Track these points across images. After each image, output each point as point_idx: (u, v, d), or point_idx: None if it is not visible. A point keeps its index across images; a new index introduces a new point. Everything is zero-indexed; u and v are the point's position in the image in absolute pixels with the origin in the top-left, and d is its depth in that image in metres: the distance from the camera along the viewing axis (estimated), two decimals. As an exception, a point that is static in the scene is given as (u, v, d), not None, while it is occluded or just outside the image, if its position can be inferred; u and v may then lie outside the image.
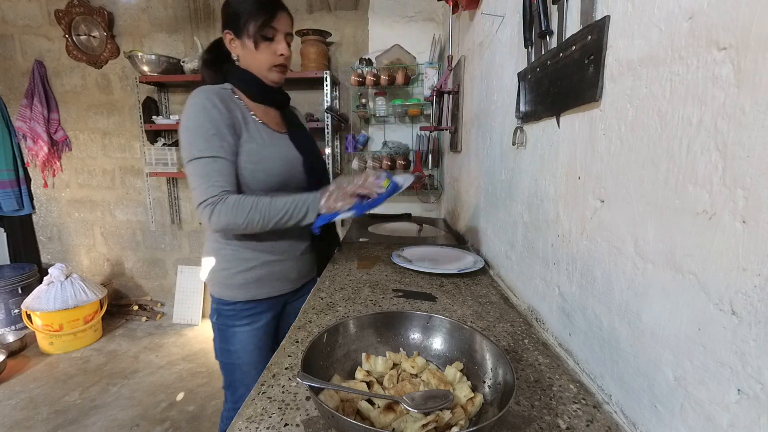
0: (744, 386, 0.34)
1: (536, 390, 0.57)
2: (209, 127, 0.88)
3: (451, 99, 1.80)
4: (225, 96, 0.94)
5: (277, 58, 0.97)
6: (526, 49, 0.82)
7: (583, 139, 0.62)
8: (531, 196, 0.84)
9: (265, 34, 0.94)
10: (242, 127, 0.94)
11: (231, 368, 1.05)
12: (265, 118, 1.02)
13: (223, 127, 0.89)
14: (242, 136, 0.94)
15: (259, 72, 0.98)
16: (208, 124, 0.88)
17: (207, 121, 0.88)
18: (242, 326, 1.02)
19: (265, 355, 1.04)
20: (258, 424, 0.50)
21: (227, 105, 0.92)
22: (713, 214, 0.37)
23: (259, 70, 0.98)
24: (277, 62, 0.97)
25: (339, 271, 1.14)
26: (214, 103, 0.89)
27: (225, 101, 0.92)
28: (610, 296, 0.54)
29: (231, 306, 1.02)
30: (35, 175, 2.87)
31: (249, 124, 0.96)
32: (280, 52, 0.96)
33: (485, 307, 0.88)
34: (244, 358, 1.03)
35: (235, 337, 1.02)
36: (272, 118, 1.05)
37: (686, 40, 0.40)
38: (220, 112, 0.89)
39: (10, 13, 2.65)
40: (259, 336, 1.04)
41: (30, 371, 2.23)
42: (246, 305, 1.02)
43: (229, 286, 1.01)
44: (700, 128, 0.38)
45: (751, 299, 0.33)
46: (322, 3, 2.42)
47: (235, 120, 0.93)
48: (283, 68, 1.00)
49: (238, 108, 0.96)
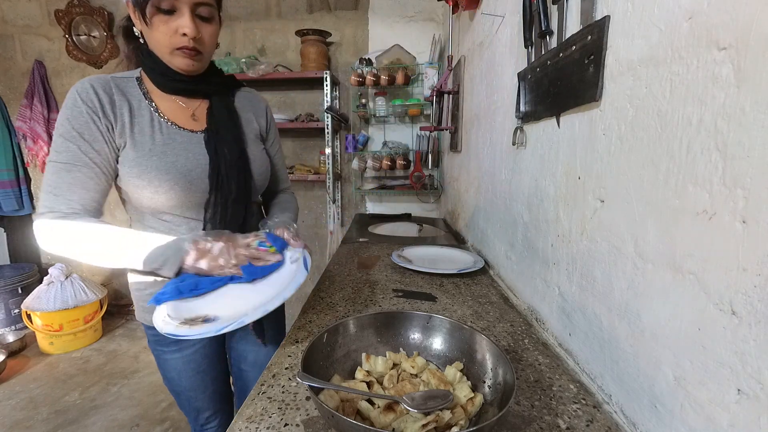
0: (744, 386, 0.34)
1: (536, 390, 0.57)
2: (71, 128, 0.70)
3: (451, 99, 1.80)
4: (115, 86, 0.75)
5: (178, 38, 0.71)
6: (526, 49, 0.82)
7: (583, 139, 0.62)
8: (531, 196, 0.84)
9: (159, 4, 0.69)
10: (126, 129, 0.74)
11: (176, 395, 0.95)
12: (173, 113, 0.80)
13: (92, 129, 0.71)
14: (125, 141, 0.74)
15: (162, 56, 0.75)
16: (73, 122, 0.70)
17: (73, 118, 0.70)
18: (172, 353, 0.88)
19: (214, 377, 0.94)
20: (258, 424, 0.50)
21: (111, 99, 0.74)
22: (713, 214, 0.37)
23: (161, 53, 0.74)
24: (178, 44, 0.72)
25: (339, 271, 1.14)
26: (88, 97, 0.71)
27: (109, 94, 0.74)
28: (610, 296, 0.54)
29: (154, 331, 0.81)
30: (35, 175, 2.87)
31: (140, 124, 0.76)
32: (181, 30, 0.70)
33: (485, 307, 0.88)
34: (184, 384, 0.91)
35: (168, 364, 0.89)
36: (185, 113, 0.82)
37: (686, 40, 0.40)
38: (91, 110, 0.71)
39: (10, 13, 2.65)
40: (196, 361, 0.90)
41: (30, 371, 2.23)
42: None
43: (147, 309, 0.83)
44: (700, 128, 0.38)
45: (751, 299, 0.33)
46: (322, 3, 2.42)
47: (117, 119, 0.74)
48: (193, 52, 0.74)
49: (133, 102, 0.76)
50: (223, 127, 0.82)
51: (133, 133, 0.74)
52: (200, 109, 0.84)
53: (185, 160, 0.77)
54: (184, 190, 0.76)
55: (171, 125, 0.78)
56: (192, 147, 0.79)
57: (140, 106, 0.77)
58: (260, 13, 2.47)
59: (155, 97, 0.79)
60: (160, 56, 0.75)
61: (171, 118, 0.79)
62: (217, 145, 0.80)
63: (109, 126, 0.73)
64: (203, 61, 0.78)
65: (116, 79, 0.76)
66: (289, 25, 2.45)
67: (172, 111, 0.80)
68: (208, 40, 0.76)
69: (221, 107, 0.85)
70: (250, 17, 2.48)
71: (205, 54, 0.77)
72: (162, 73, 0.77)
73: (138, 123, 0.75)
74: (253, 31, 2.50)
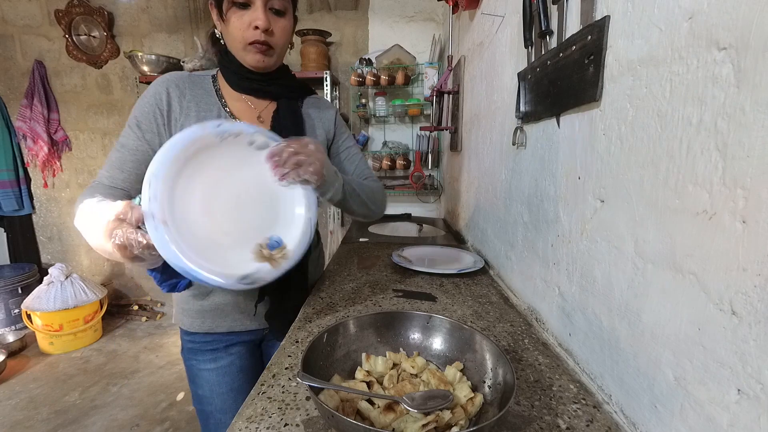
0: (744, 386, 0.34)
1: (536, 390, 0.57)
2: (134, 115, 0.75)
3: (451, 99, 1.80)
4: (190, 82, 0.79)
5: (251, 32, 0.72)
6: (526, 49, 0.82)
7: (583, 139, 0.62)
8: (531, 196, 0.84)
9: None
10: (191, 122, 0.76)
11: (204, 416, 0.89)
12: (240, 112, 0.82)
13: (149, 120, 0.75)
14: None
15: (236, 53, 0.76)
16: (137, 111, 0.75)
17: (139, 107, 0.75)
18: (206, 363, 0.87)
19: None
20: (258, 424, 0.50)
21: (182, 92, 0.77)
22: (713, 214, 0.37)
23: (236, 49, 0.76)
24: (250, 38, 0.73)
25: (339, 271, 1.14)
26: (158, 91, 0.75)
27: (182, 88, 0.77)
28: (610, 296, 0.54)
29: (190, 337, 0.86)
30: (35, 175, 2.87)
31: (206, 119, 0.76)
32: (254, 23, 0.72)
33: (485, 307, 0.88)
34: (217, 404, 0.87)
35: (200, 378, 0.87)
36: (252, 113, 0.83)
37: (686, 40, 0.40)
38: (156, 103, 0.75)
39: (10, 13, 2.65)
40: (231, 375, 0.88)
41: (30, 371, 2.23)
42: (206, 338, 0.86)
43: (186, 312, 0.85)
44: (700, 128, 0.38)
45: (751, 299, 0.33)
46: (322, 3, 2.42)
47: (183, 111, 0.77)
48: (264, 47, 0.74)
49: (204, 97, 0.79)
50: (285, 131, 0.78)
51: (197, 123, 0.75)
52: (267, 111, 0.84)
53: None
54: None
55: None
56: None
57: (209, 101, 0.79)
58: (260, 13, 2.47)
59: (226, 96, 0.81)
60: (234, 53, 0.77)
61: (237, 117, 0.81)
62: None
63: (172, 119, 0.76)
64: (274, 57, 0.78)
65: (194, 76, 0.80)
66: (289, 25, 2.45)
67: (240, 110, 0.82)
68: (280, 34, 0.76)
69: (288, 111, 0.84)
70: (250, 17, 2.48)
71: (277, 50, 0.77)
72: (234, 72, 0.79)
73: (205, 118, 0.77)
74: (253, 31, 2.50)
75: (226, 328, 0.86)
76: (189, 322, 0.85)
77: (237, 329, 0.87)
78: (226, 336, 0.87)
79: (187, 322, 0.85)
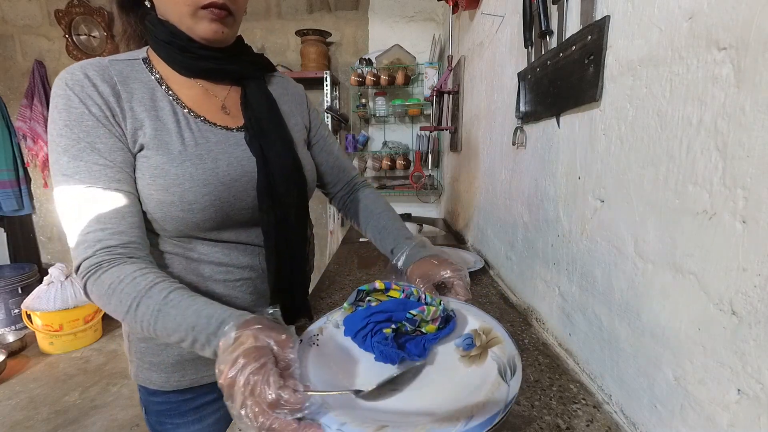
0: (744, 386, 0.34)
1: (536, 390, 0.57)
2: (75, 134, 0.51)
3: (451, 99, 1.80)
4: (117, 73, 0.55)
5: None
6: (526, 49, 0.82)
7: (583, 139, 0.62)
8: (531, 196, 0.84)
9: None
10: (142, 128, 0.55)
11: None
12: (199, 105, 0.60)
13: (99, 129, 0.52)
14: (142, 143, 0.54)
15: (179, 21, 0.56)
16: (74, 128, 0.51)
17: (72, 123, 0.51)
18: (189, 426, 0.66)
19: None
20: (258, 424, 0.49)
21: (114, 90, 0.54)
22: (713, 214, 0.37)
23: (178, 16, 0.55)
24: (204, 0, 0.53)
25: (339, 271, 1.14)
26: (85, 92, 0.52)
27: (111, 83, 0.54)
28: (610, 296, 0.54)
29: (163, 398, 0.64)
30: (35, 175, 2.87)
31: (160, 120, 0.56)
32: None
33: (485, 307, 0.88)
34: None
35: None
36: (214, 103, 0.62)
37: (686, 40, 0.40)
38: (92, 104, 0.52)
39: (10, 13, 2.65)
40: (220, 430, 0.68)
41: (30, 371, 2.23)
42: (185, 395, 0.64)
43: (155, 367, 0.62)
44: (700, 128, 0.38)
45: (751, 299, 0.33)
46: (322, 3, 2.42)
47: (127, 116, 0.54)
48: (224, 12, 0.55)
49: (145, 92, 0.57)
50: (266, 123, 0.64)
51: (156, 132, 0.55)
52: (231, 98, 0.64)
53: (227, 166, 0.58)
54: (226, 206, 0.58)
55: (200, 120, 0.59)
56: (230, 149, 0.59)
57: (155, 96, 0.57)
58: (260, 13, 2.47)
59: (172, 85, 0.60)
60: (177, 23, 0.56)
61: (198, 111, 0.60)
62: (263, 146, 0.61)
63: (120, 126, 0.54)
64: (234, 27, 0.59)
65: (116, 63, 0.57)
66: (289, 25, 2.45)
67: (197, 101, 0.61)
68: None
69: (259, 97, 0.65)
70: (250, 17, 2.48)
71: (237, 17, 0.59)
72: (182, 48, 0.57)
73: (158, 119, 0.56)
74: (253, 31, 2.50)
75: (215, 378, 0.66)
76: (162, 379, 0.62)
77: None
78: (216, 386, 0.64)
79: (159, 379, 0.62)
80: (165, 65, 0.60)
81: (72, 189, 0.51)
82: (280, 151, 0.63)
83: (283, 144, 0.65)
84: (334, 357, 0.49)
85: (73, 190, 0.51)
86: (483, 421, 0.36)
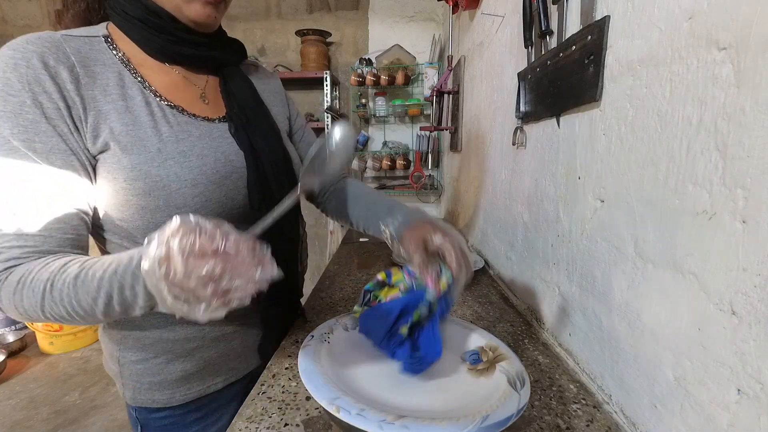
0: (744, 386, 0.34)
1: (536, 390, 0.57)
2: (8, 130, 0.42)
3: (451, 99, 1.80)
4: (74, 52, 0.47)
5: None
6: (526, 49, 0.82)
7: (583, 139, 0.62)
8: (531, 196, 0.84)
9: None
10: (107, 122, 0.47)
11: None
12: (174, 93, 0.54)
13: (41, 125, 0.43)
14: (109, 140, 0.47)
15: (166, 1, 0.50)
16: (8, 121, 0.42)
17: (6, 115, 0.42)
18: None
19: None
20: (258, 424, 0.50)
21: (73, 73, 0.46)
22: (713, 214, 0.37)
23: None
24: None
25: (339, 271, 1.14)
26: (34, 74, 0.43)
27: (68, 65, 0.45)
28: (610, 296, 0.54)
29: (166, 413, 0.60)
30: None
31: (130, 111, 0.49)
32: None
33: (485, 307, 0.88)
34: None
35: None
36: (192, 92, 0.56)
37: (686, 40, 0.40)
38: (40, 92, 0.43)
39: (10, 13, 2.65)
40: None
41: (30, 371, 2.23)
42: (189, 407, 0.61)
43: (157, 386, 0.58)
44: (700, 128, 0.38)
45: (751, 299, 0.33)
46: (322, 3, 2.42)
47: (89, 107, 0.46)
48: None
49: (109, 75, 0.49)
50: (251, 112, 0.59)
51: (127, 127, 0.47)
52: (211, 87, 0.59)
53: (214, 162, 0.52)
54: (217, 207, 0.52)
55: (179, 111, 0.52)
56: (215, 143, 0.54)
57: (122, 83, 0.49)
58: (260, 13, 2.47)
59: (141, 69, 0.52)
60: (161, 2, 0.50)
61: (174, 101, 0.53)
62: (251, 137, 0.56)
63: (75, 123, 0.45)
64: (223, 13, 0.54)
65: (71, 39, 0.47)
66: (289, 25, 2.45)
67: (173, 90, 0.54)
68: None
69: (240, 85, 0.60)
70: (250, 17, 2.48)
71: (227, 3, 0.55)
72: (160, 29, 0.50)
73: (127, 110, 0.48)
74: (253, 31, 2.50)
75: (222, 383, 0.62)
76: (166, 396, 0.59)
77: (234, 379, 0.64)
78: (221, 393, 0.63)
79: (162, 396, 0.59)
80: (134, 46, 0.52)
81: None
82: (269, 142, 0.59)
83: (272, 135, 0.60)
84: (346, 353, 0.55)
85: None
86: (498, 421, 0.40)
